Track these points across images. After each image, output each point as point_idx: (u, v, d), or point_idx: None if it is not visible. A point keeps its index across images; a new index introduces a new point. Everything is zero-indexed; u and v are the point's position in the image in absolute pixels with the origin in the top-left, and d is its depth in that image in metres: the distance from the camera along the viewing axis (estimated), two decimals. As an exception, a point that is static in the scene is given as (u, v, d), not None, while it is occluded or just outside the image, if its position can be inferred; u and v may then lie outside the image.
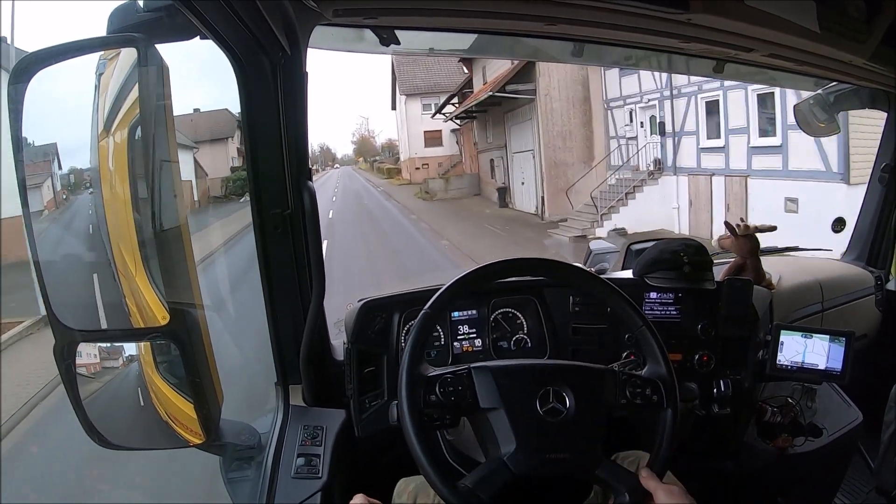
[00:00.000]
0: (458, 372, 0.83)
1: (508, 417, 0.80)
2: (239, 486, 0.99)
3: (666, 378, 0.87)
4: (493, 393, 0.81)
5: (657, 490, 0.78)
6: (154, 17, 0.81)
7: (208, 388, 0.83)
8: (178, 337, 0.77)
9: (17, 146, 0.71)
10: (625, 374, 0.87)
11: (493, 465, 0.78)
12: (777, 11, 1.01)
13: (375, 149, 53.66)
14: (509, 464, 0.77)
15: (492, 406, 0.81)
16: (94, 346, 0.80)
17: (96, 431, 0.79)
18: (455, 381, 0.81)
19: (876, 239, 1.83)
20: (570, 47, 1.29)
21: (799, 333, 1.25)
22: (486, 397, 0.81)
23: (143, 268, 0.75)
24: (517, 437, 0.78)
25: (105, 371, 0.81)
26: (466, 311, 1.30)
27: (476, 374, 0.82)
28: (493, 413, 0.81)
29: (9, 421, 3.39)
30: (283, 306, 1.08)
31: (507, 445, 0.78)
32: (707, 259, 1.36)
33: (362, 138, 55.75)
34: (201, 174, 6.90)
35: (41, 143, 0.76)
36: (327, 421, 1.10)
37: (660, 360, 0.89)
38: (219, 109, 7.18)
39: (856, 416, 1.42)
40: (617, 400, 0.85)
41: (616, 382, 0.86)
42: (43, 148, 0.77)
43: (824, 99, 1.71)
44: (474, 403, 0.81)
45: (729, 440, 1.36)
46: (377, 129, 66.22)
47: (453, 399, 0.81)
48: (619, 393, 0.85)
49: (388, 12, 0.98)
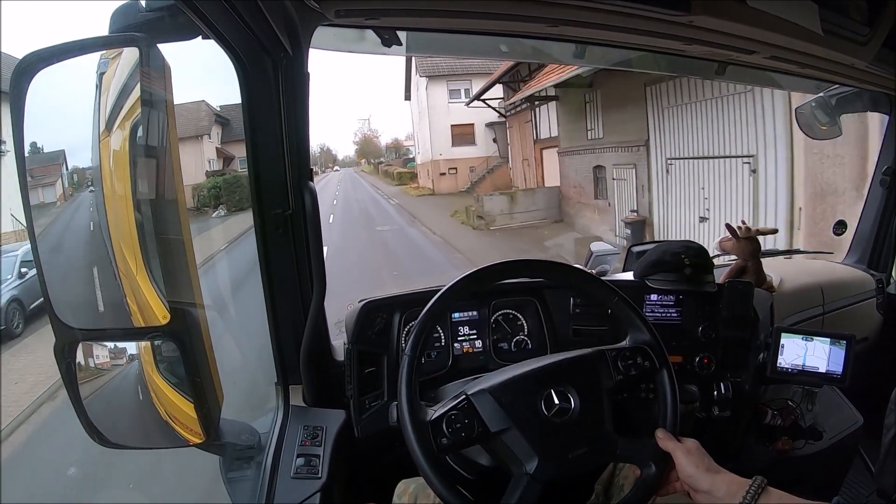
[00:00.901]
0: (459, 405, 0.82)
1: (522, 433, 0.80)
2: (238, 485, 0.99)
3: (651, 341, 0.89)
4: (499, 414, 0.81)
5: (675, 450, 0.81)
6: (156, 17, 0.81)
7: (208, 388, 0.83)
8: (178, 336, 0.77)
9: (18, 145, 0.72)
10: (612, 350, 0.89)
11: (522, 483, 0.78)
12: (779, 13, 1.01)
13: (379, 150, 50.70)
14: (538, 477, 0.78)
15: (503, 428, 0.81)
16: (94, 345, 0.80)
17: (96, 430, 0.79)
18: (459, 416, 0.81)
19: (877, 242, 1.83)
20: (572, 49, 1.30)
21: (800, 336, 1.25)
22: (495, 421, 0.81)
23: (144, 267, 0.75)
24: (536, 450, 0.79)
25: (105, 370, 0.81)
26: (467, 313, 1.30)
27: (476, 401, 0.82)
28: (506, 434, 0.80)
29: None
30: (284, 306, 1.08)
31: (529, 461, 0.79)
32: (708, 261, 1.36)
33: (365, 138, 52.58)
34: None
35: (42, 142, 0.76)
36: (327, 421, 1.10)
37: (640, 327, 0.91)
38: (194, 101, 6.21)
39: (856, 420, 1.42)
40: (614, 379, 0.87)
41: (608, 361, 0.87)
42: (52, 150, 0.77)
43: (826, 102, 1.71)
44: (485, 431, 0.81)
45: (729, 442, 1.35)
46: (379, 129, 63.12)
47: (464, 435, 0.80)
48: (613, 371, 0.87)
49: (390, 13, 0.98)
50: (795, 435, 1.33)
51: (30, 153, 0.74)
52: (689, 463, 0.79)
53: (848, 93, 1.68)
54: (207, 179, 6.48)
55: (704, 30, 1.04)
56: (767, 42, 1.13)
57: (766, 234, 1.49)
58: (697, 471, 0.78)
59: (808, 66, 1.32)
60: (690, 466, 0.79)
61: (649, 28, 1.03)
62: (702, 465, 0.79)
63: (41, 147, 0.76)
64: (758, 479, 0.75)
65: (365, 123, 52.37)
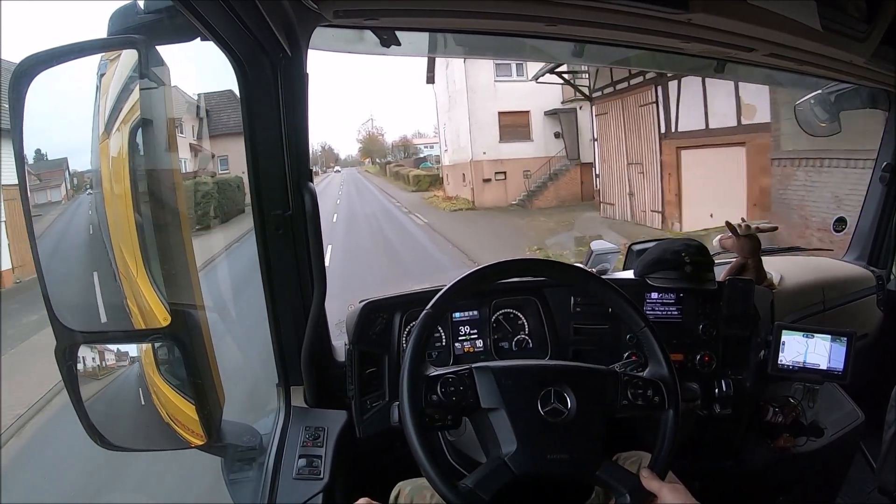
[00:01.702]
0: (460, 372, 0.83)
1: (509, 418, 0.80)
2: (240, 487, 0.99)
3: (668, 379, 0.87)
4: (494, 393, 0.81)
5: (661, 490, 0.78)
6: (155, 19, 0.81)
7: (210, 390, 0.83)
8: (179, 338, 0.77)
9: (18, 147, 0.72)
10: (626, 376, 0.87)
11: (493, 464, 0.78)
12: (777, 10, 1.01)
13: (384, 148, 46.83)
14: (510, 464, 0.77)
15: (493, 406, 0.81)
16: (95, 347, 0.80)
17: (98, 433, 0.79)
18: (457, 381, 0.81)
19: (877, 238, 1.82)
20: (571, 47, 1.30)
21: (800, 333, 1.25)
22: (488, 397, 0.81)
23: (145, 269, 0.75)
24: (518, 438, 0.78)
25: (106, 372, 0.81)
26: (468, 312, 1.30)
27: (478, 374, 0.82)
28: (494, 413, 0.81)
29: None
30: (285, 307, 1.08)
31: (508, 446, 0.78)
32: (708, 259, 1.35)
33: (369, 136, 48.22)
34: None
35: (42, 144, 0.76)
36: (329, 422, 1.10)
37: (661, 362, 0.88)
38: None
39: (857, 416, 1.42)
40: (618, 401, 0.85)
41: (618, 384, 0.85)
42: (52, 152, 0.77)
43: (825, 98, 1.71)
44: (476, 403, 0.81)
45: (730, 440, 1.35)
46: (384, 127, 57.10)
47: (455, 399, 0.81)
48: (620, 394, 0.85)
49: (389, 13, 0.98)
50: (796, 432, 1.33)
51: (34, 159, 0.74)
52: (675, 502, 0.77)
53: (847, 90, 1.68)
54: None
55: (703, 28, 1.04)
56: (766, 39, 1.13)
57: (766, 231, 1.49)
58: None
59: (806, 64, 1.32)
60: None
61: (648, 26, 1.03)
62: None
63: (41, 149, 0.76)
64: None
65: (368, 123, 47.44)
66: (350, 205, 17.30)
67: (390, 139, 44.78)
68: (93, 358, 0.80)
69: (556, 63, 9.99)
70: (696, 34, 1.08)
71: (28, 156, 0.73)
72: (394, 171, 30.05)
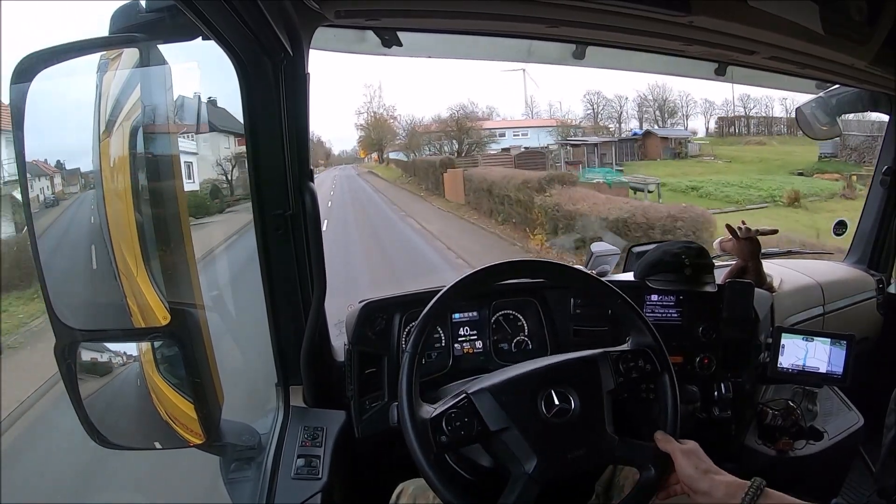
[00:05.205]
0: (459, 403, 0.82)
1: (521, 433, 0.80)
2: (239, 486, 0.99)
3: (653, 344, 0.89)
4: (498, 413, 0.81)
5: (675, 452, 0.81)
6: (156, 18, 0.81)
7: (209, 389, 0.83)
8: (178, 337, 0.77)
9: (18, 145, 0.72)
10: (614, 353, 0.89)
11: (521, 484, 0.78)
12: (779, 13, 1.01)
13: (394, 136, 26.67)
14: (536, 478, 0.78)
15: (502, 427, 0.81)
16: (94, 345, 0.80)
17: (97, 431, 0.79)
18: (459, 415, 0.81)
19: (877, 242, 1.82)
20: (572, 49, 1.30)
21: (800, 336, 1.25)
22: (494, 420, 0.81)
23: (144, 268, 0.75)
24: (535, 450, 0.79)
25: (106, 371, 0.81)
26: (467, 313, 1.30)
27: (476, 399, 0.82)
28: (505, 433, 0.80)
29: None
30: (284, 307, 1.08)
31: (528, 461, 0.78)
32: (708, 262, 1.35)
33: (375, 119, 27.06)
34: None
35: (42, 142, 0.76)
36: (327, 422, 1.10)
37: (642, 329, 0.91)
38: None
39: (857, 420, 1.42)
40: (615, 381, 0.87)
41: (609, 363, 0.87)
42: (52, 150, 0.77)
43: (826, 102, 1.71)
44: (485, 430, 0.81)
45: (730, 443, 1.35)
46: (396, 106, 28.54)
47: (463, 433, 0.80)
48: (614, 373, 0.87)
49: (390, 14, 0.98)
50: (796, 435, 1.32)
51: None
52: (688, 464, 0.79)
53: (848, 93, 1.68)
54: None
55: (704, 30, 1.04)
56: (768, 42, 1.13)
57: (766, 234, 1.49)
58: (696, 472, 0.78)
59: (808, 66, 1.32)
60: (689, 468, 0.79)
61: (649, 28, 1.03)
62: (701, 467, 0.79)
63: (41, 147, 0.76)
64: (756, 480, 0.75)
65: (374, 94, 23.79)
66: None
67: (414, 122, 20.87)
68: (92, 356, 0.80)
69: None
70: (697, 36, 1.08)
71: (28, 154, 0.73)
72: (470, 175, 12.52)
